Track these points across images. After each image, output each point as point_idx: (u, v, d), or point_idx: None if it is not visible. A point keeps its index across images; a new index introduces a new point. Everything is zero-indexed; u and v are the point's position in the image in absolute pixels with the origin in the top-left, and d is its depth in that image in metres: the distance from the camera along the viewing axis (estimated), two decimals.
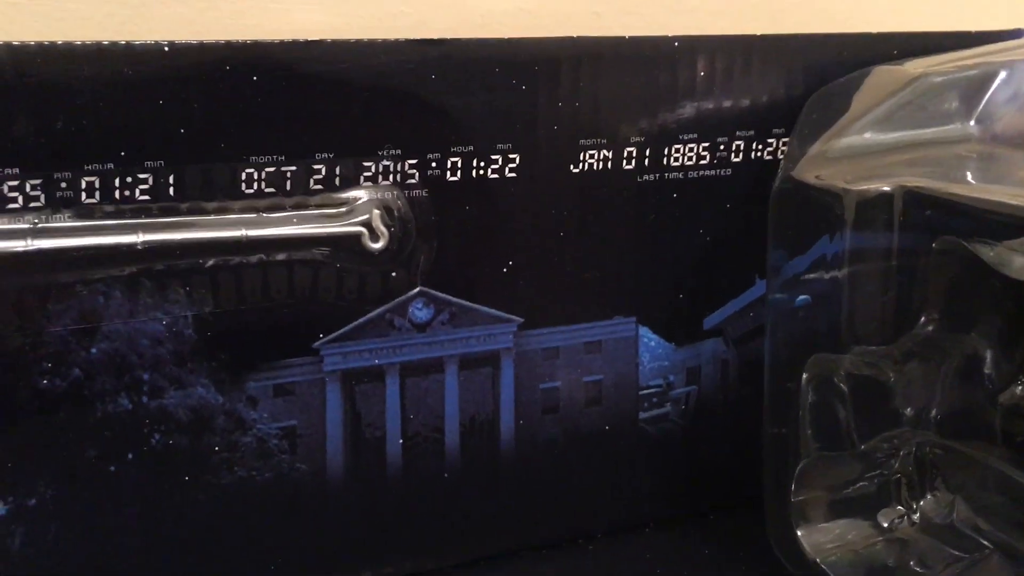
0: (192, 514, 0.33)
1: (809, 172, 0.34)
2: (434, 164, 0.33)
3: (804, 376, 0.35)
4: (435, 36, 0.33)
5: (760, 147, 0.38)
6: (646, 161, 0.36)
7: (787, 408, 0.36)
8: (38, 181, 0.29)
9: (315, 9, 0.34)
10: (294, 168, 0.31)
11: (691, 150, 0.37)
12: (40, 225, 0.29)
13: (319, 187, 0.32)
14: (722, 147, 0.37)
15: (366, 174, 0.32)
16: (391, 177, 0.33)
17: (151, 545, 0.32)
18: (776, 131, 0.38)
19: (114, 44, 0.29)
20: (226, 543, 0.33)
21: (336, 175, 0.32)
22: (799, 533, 0.36)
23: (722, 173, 0.37)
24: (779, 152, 0.38)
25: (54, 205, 0.29)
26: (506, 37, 0.33)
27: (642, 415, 0.39)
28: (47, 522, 0.31)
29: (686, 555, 0.40)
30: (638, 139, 0.36)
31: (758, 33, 0.37)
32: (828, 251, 0.34)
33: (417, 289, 0.34)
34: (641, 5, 0.39)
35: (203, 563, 0.33)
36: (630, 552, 0.40)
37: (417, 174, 0.33)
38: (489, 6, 0.36)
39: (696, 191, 0.37)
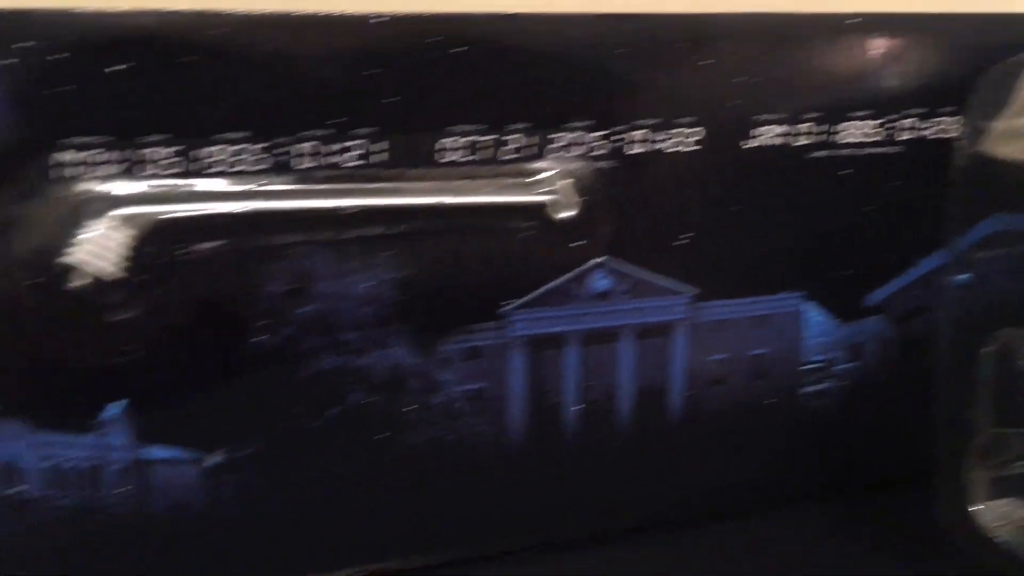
0: (384, 471, 0.34)
1: (997, 147, 0.34)
2: (620, 136, 0.34)
3: (984, 352, 0.35)
4: (617, 10, 0.34)
5: (929, 126, 0.38)
6: (819, 138, 0.37)
7: (962, 384, 0.36)
8: (262, 145, 0.30)
9: None
10: (490, 138, 0.33)
11: (862, 127, 0.37)
12: (260, 188, 0.31)
13: (512, 157, 0.33)
14: (892, 125, 0.38)
15: (556, 145, 0.34)
16: (580, 149, 0.34)
17: (347, 498, 0.34)
18: (945, 110, 0.38)
19: (335, 14, 0.30)
20: (413, 500, 0.35)
21: (528, 146, 0.33)
22: (973, 509, 0.36)
23: (891, 151, 0.38)
24: (948, 131, 0.38)
25: (274, 169, 0.31)
26: (688, 12, 0.35)
27: (803, 390, 0.40)
28: (256, 473, 0.33)
29: (847, 529, 0.40)
30: (812, 115, 0.37)
31: (930, 11, 0.38)
32: (1012, 226, 0.34)
33: (600, 259, 0.35)
34: None
35: (391, 518, 0.35)
36: (790, 525, 0.40)
37: (604, 146, 0.34)
38: None
39: (866, 168, 0.38)
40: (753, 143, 0.36)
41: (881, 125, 0.37)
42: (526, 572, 0.36)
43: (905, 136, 0.37)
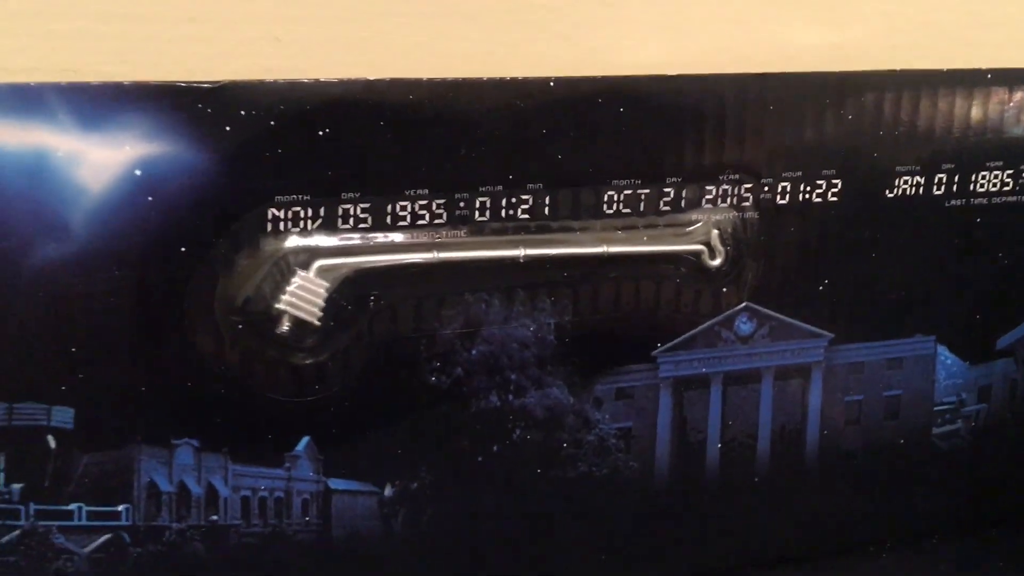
0: (541, 503, 0.36)
1: None
2: (767, 188, 0.36)
3: None
4: (756, 70, 0.36)
5: None
6: (954, 187, 0.38)
7: None
8: (442, 201, 0.33)
9: (656, 46, 0.37)
10: (647, 191, 0.35)
11: (996, 176, 0.39)
12: (441, 240, 0.33)
13: (667, 208, 0.35)
14: None
15: (707, 197, 0.35)
16: (729, 200, 0.36)
17: (506, 529, 0.36)
18: None
19: (508, 79, 0.33)
20: (567, 531, 0.37)
21: (682, 198, 0.35)
22: None
23: (1022, 199, 0.39)
24: None
25: (453, 222, 0.33)
26: (832, 71, 0.36)
27: (935, 430, 0.41)
28: (424, 505, 0.35)
29: (973, 567, 0.41)
30: (948, 166, 0.38)
31: None
32: None
33: (744, 304, 0.37)
34: (934, 39, 0.41)
35: (546, 548, 0.37)
36: (918, 561, 0.41)
37: (751, 197, 0.36)
38: (799, 41, 0.39)
39: (998, 216, 0.39)
40: (891, 194, 0.38)
41: (1013, 175, 0.39)
42: None
43: None
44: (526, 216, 0.33)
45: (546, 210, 0.34)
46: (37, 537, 0.31)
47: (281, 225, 0.31)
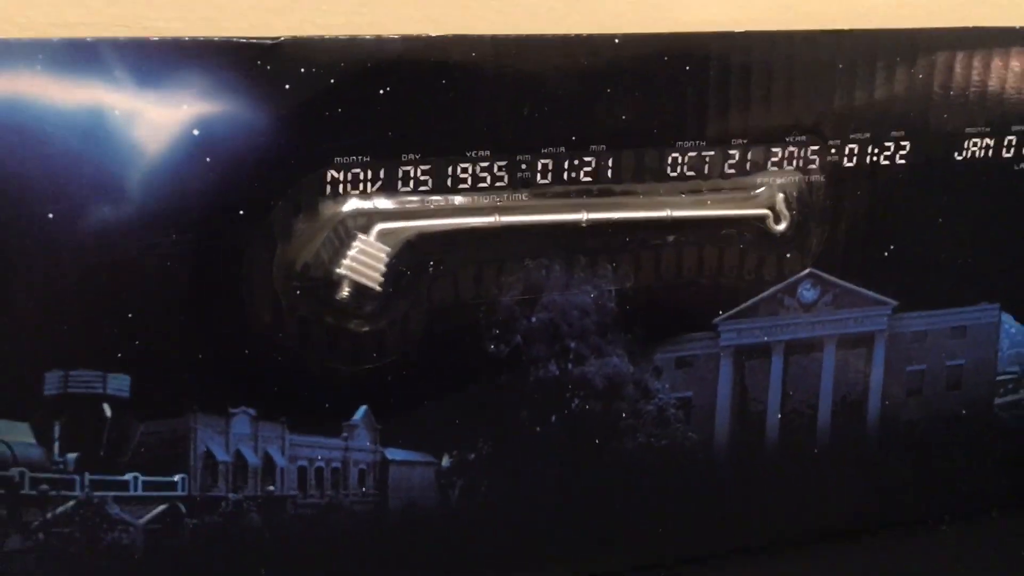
0: (600, 474, 0.35)
1: None
2: (833, 150, 0.35)
3: None
4: (825, 27, 0.35)
5: None
6: None
7: None
8: (504, 163, 0.32)
9: (723, 2, 0.36)
10: (712, 153, 0.34)
11: None
12: (503, 203, 0.32)
13: (732, 171, 0.34)
14: None
15: (773, 159, 0.34)
16: (795, 163, 0.35)
17: (563, 501, 0.35)
18: None
19: (572, 36, 0.32)
20: (627, 504, 0.36)
21: (747, 160, 0.34)
22: None
23: None
24: None
25: (514, 185, 0.32)
26: (903, 28, 0.35)
27: (997, 400, 0.40)
28: (482, 476, 0.34)
29: None
30: (1019, 128, 0.37)
31: None
32: None
33: (807, 271, 0.36)
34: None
35: (606, 520, 0.36)
36: (979, 536, 0.41)
37: (818, 160, 0.35)
38: None
39: None
40: (959, 156, 0.37)
41: None
42: (733, 574, 0.37)
43: None
44: (588, 179, 0.32)
45: (609, 173, 0.33)
46: (92, 507, 0.30)
47: (340, 187, 0.30)
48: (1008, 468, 0.41)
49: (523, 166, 0.32)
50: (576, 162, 0.32)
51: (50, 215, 0.28)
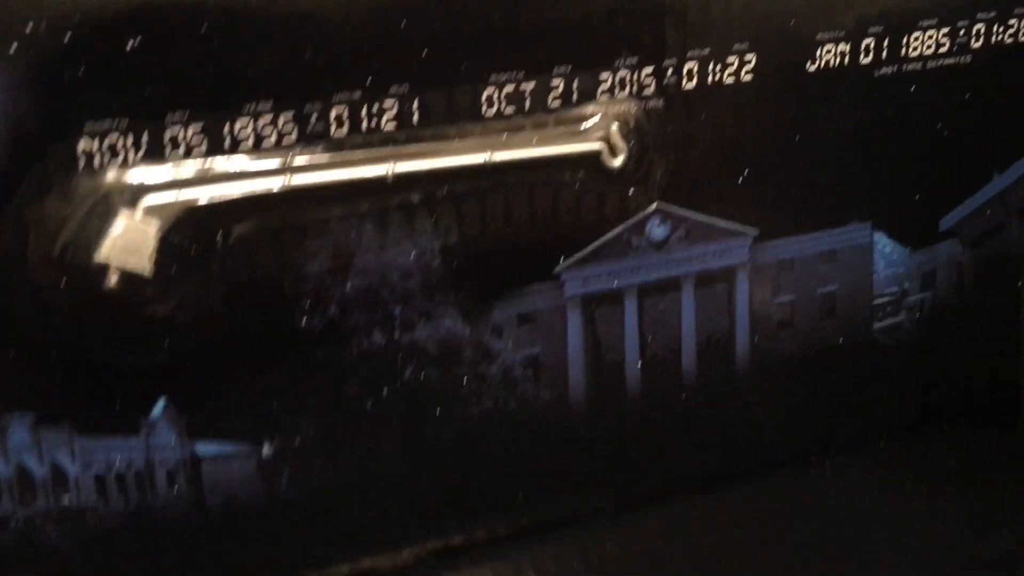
0: (444, 446, 0.33)
1: None
2: (670, 71, 0.32)
3: None
4: None
5: (1001, 30, 0.35)
6: (884, 53, 0.34)
7: None
8: (290, 114, 0.28)
9: None
10: (532, 84, 0.30)
11: (930, 37, 0.34)
12: (294, 162, 0.29)
13: (557, 103, 0.31)
14: (962, 32, 0.35)
15: (603, 87, 0.31)
16: (628, 88, 0.31)
17: (408, 477, 0.32)
18: (1019, 11, 0.35)
19: None
20: (476, 473, 0.33)
21: (574, 90, 0.31)
22: None
23: (961, 61, 0.35)
24: (1021, 34, 0.36)
25: (306, 139, 0.28)
26: None
27: (876, 325, 0.38)
28: (311, 460, 0.31)
29: (927, 466, 0.38)
30: (876, 29, 0.34)
31: None
32: None
33: (654, 206, 0.33)
34: None
35: (457, 492, 0.33)
36: (866, 466, 0.39)
37: (654, 83, 0.32)
38: None
39: (934, 82, 0.35)
40: (812, 66, 0.34)
41: (950, 33, 0.35)
42: (602, 534, 0.35)
43: (977, 44, 0.35)
44: (392, 125, 0.29)
45: (415, 117, 0.29)
46: None
47: (96, 159, 0.27)
48: (892, 393, 0.39)
49: (313, 117, 0.29)
50: (375, 108, 0.29)
51: None
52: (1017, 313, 0.38)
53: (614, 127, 0.31)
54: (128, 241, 0.26)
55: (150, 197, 0.27)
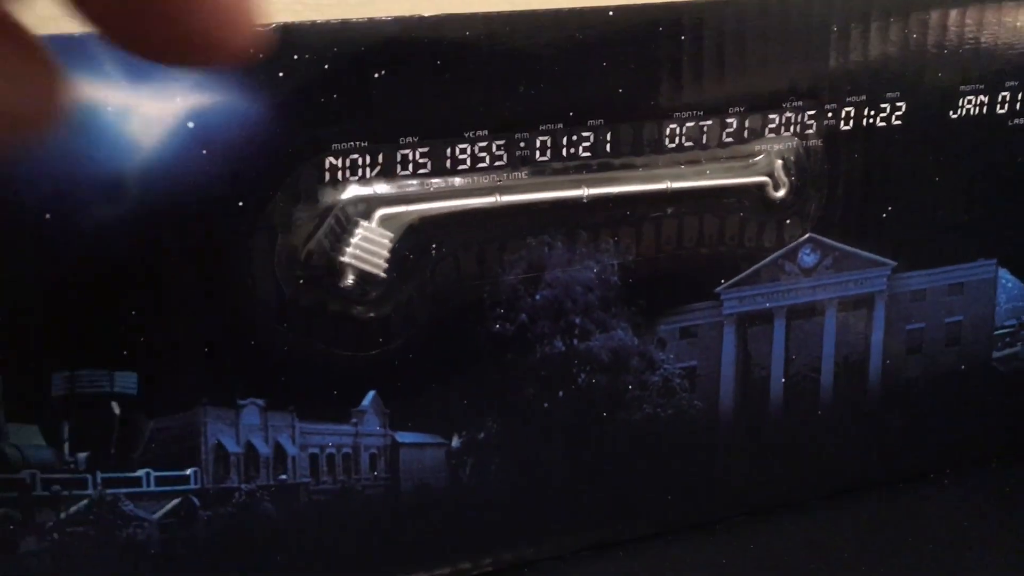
0: (608, 446, 0.36)
1: None
2: (830, 114, 0.35)
3: None
4: None
5: None
6: (1018, 105, 0.37)
7: None
8: (502, 142, 0.31)
9: None
10: (710, 123, 0.34)
11: None
12: (502, 183, 0.32)
13: (730, 140, 0.34)
14: None
15: (770, 126, 0.34)
16: (792, 128, 0.35)
17: (575, 474, 0.35)
18: None
19: (565, 10, 0.31)
20: (636, 473, 0.36)
21: (745, 128, 0.34)
22: None
23: None
24: None
25: (513, 163, 0.32)
26: None
27: (995, 354, 0.41)
28: (492, 453, 0.34)
29: None
30: (1012, 83, 0.37)
31: None
32: None
33: (807, 235, 0.36)
34: None
35: (616, 490, 0.36)
36: (981, 486, 0.41)
37: (815, 124, 0.35)
38: None
39: None
40: (954, 115, 0.36)
41: None
42: (740, 537, 0.38)
43: None
44: (587, 154, 0.32)
45: (607, 147, 0.32)
46: (105, 505, 0.30)
47: (339, 174, 0.30)
48: (1006, 419, 0.41)
49: (521, 144, 0.32)
50: (574, 137, 0.32)
51: (48, 215, 0.27)
52: None
53: (779, 163, 0.34)
54: (366, 247, 0.30)
55: (384, 210, 0.30)
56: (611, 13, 0.31)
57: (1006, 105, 0.37)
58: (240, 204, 0.29)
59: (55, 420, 0.29)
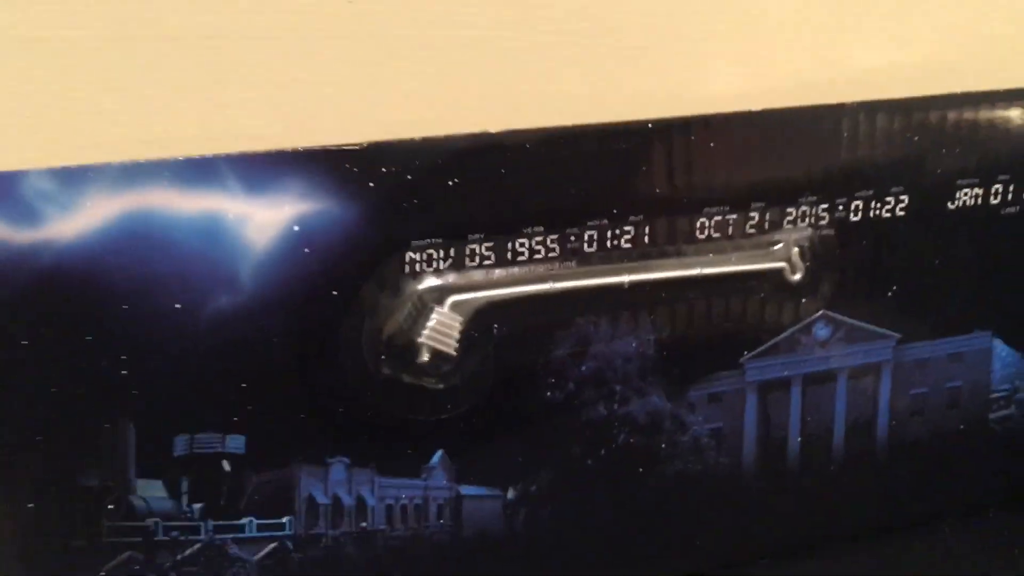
0: (644, 498, 0.40)
1: None
2: (841, 207, 0.39)
3: None
4: (828, 95, 0.39)
5: None
6: (1010, 195, 0.41)
7: None
8: (555, 236, 0.36)
9: (733, 79, 0.40)
10: (735, 216, 0.38)
11: None
12: (555, 272, 0.36)
13: (752, 231, 0.39)
14: None
15: (788, 218, 0.39)
16: (807, 220, 0.39)
17: (616, 523, 0.40)
18: None
19: (609, 125, 0.36)
20: (670, 522, 0.41)
21: (766, 220, 0.39)
22: None
23: None
24: None
25: (565, 255, 0.36)
26: (899, 97, 0.39)
27: (991, 415, 0.45)
28: (542, 505, 0.39)
29: None
30: (1004, 177, 0.41)
31: None
32: None
33: (821, 312, 0.40)
34: (990, 54, 0.43)
35: (652, 537, 0.41)
36: (979, 532, 0.46)
37: (827, 216, 0.39)
38: (866, 64, 0.42)
39: None
40: (952, 205, 0.41)
41: None
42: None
43: None
44: (628, 245, 0.37)
45: (646, 239, 0.37)
46: (215, 548, 0.35)
47: (417, 266, 0.35)
48: (1002, 473, 0.46)
49: (572, 238, 0.36)
50: (617, 231, 0.37)
51: (177, 305, 0.32)
52: None
53: (795, 250, 0.39)
54: (440, 329, 0.34)
55: (454, 296, 0.35)
56: (649, 126, 0.36)
57: (999, 196, 0.41)
58: (335, 293, 0.34)
59: (176, 476, 0.34)
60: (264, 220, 0.33)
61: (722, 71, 0.41)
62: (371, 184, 0.34)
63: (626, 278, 0.37)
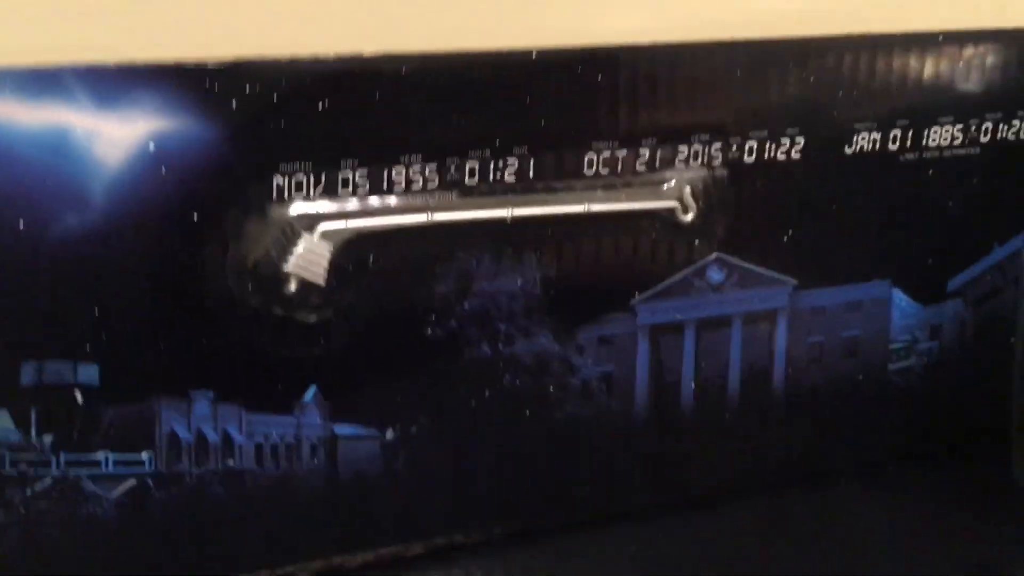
0: (533, 443, 0.39)
1: None
2: (735, 147, 0.38)
3: None
4: (726, 35, 0.38)
5: (1006, 128, 0.42)
6: (908, 142, 0.41)
7: None
8: (434, 166, 0.35)
9: (630, 14, 0.39)
10: (624, 152, 0.37)
11: (947, 131, 0.41)
12: (434, 203, 0.35)
13: (643, 168, 0.38)
14: (973, 128, 0.41)
15: (680, 157, 0.38)
16: (700, 159, 0.38)
17: (501, 468, 0.39)
18: (1020, 113, 0.42)
19: (492, 52, 0.35)
20: (557, 467, 0.40)
21: (657, 158, 0.38)
22: None
23: (972, 152, 0.42)
24: (1022, 132, 0.42)
25: (445, 185, 0.35)
26: (796, 36, 0.38)
27: (891, 367, 0.44)
28: (423, 447, 0.38)
29: (929, 487, 0.45)
30: (903, 122, 0.40)
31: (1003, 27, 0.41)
32: None
33: (714, 255, 0.40)
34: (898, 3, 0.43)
35: (538, 483, 0.40)
36: (875, 488, 0.45)
37: (721, 156, 0.38)
38: (767, 6, 0.41)
39: (948, 168, 0.42)
40: (849, 150, 0.40)
41: (963, 129, 0.42)
42: (655, 527, 0.41)
43: (985, 139, 0.42)
44: (512, 178, 0.36)
45: (531, 173, 0.36)
46: (68, 484, 0.34)
47: (286, 192, 0.33)
48: (901, 426, 0.45)
49: (452, 169, 0.35)
50: (501, 163, 0.36)
51: (21, 224, 0.31)
52: (1008, 364, 0.44)
53: (687, 189, 0.38)
54: (308, 257, 0.33)
55: (325, 224, 0.34)
56: (534, 56, 0.35)
57: (897, 142, 0.41)
58: (195, 217, 0.32)
59: (24, 406, 0.32)
60: (116, 137, 0.31)
61: (618, 3, 0.40)
62: (234, 104, 0.32)
63: (509, 212, 0.36)
